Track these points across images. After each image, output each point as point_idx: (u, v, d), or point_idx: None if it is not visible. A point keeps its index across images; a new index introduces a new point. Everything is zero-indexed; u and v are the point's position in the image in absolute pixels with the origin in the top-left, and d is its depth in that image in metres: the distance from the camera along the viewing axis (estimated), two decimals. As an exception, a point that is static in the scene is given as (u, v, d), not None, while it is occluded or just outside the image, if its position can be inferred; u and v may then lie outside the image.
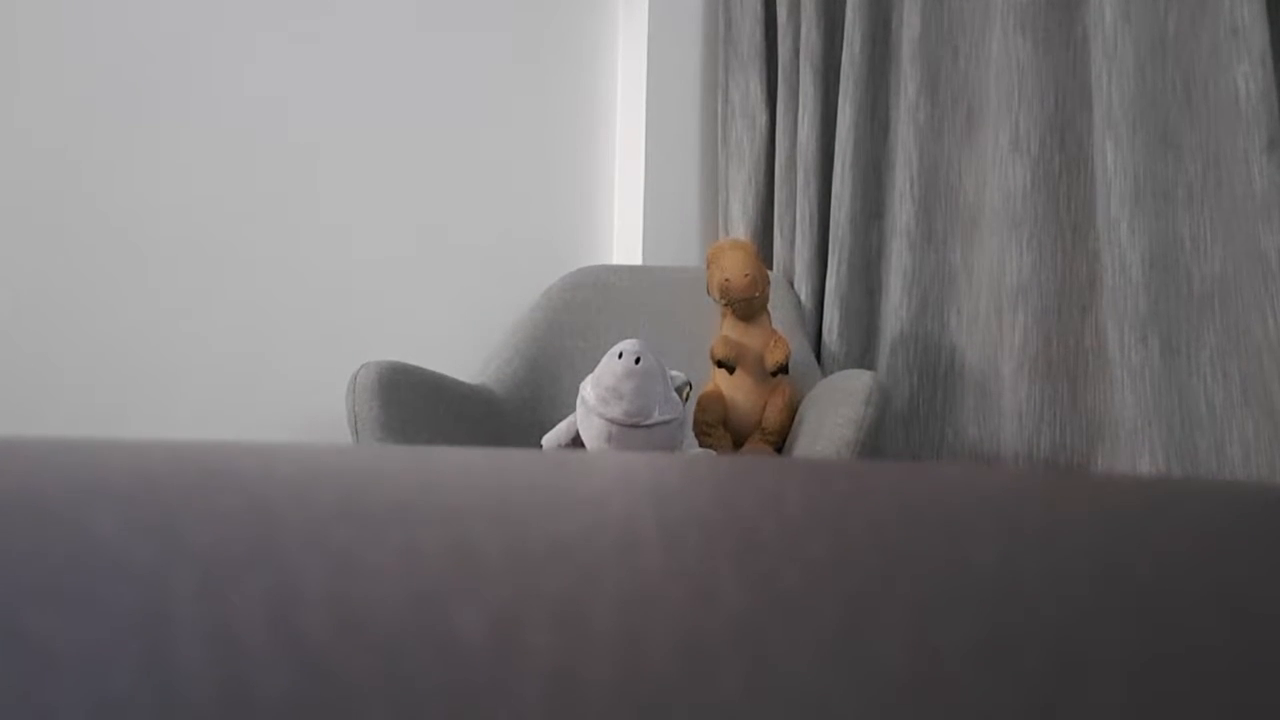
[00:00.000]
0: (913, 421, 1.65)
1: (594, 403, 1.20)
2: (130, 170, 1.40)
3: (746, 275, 1.47)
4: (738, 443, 1.45)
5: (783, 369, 1.45)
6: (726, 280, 1.47)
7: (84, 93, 1.36)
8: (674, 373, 1.28)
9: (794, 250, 1.86)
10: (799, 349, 1.67)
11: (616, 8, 2.05)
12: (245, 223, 1.51)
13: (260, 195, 1.53)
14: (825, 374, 1.70)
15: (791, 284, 1.85)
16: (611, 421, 1.18)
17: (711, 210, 2.04)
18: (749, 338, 1.48)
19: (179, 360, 1.43)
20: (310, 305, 1.57)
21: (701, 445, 1.42)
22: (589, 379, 1.23)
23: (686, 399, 1.31)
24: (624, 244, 1.99)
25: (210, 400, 1.46)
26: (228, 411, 1.48)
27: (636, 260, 1.93)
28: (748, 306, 1.48)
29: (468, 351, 1.77)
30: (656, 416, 1.20)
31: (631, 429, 1.18)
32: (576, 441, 1.29)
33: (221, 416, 1.47)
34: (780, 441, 1.45)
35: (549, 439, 1.31)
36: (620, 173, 2.02)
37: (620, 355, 1.18)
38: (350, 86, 1.64)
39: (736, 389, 1.46)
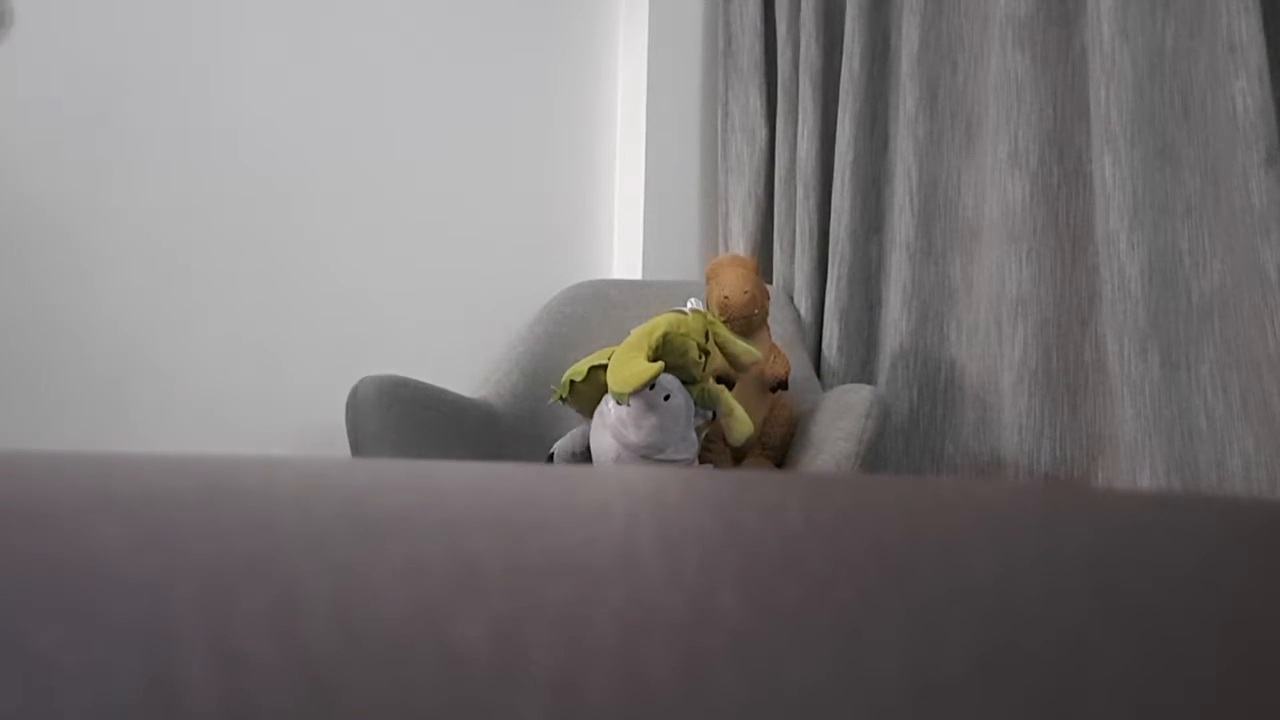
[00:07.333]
0: (913, 435, 1.65)
1: (612, 420, 1.20)
2: (129, 180, 1.40)
3: (746, 292, 1.47)
4: (737, 458, 1.44)
5: (782, 384, 1.45)
6: (725, 298, 1.47)
7: (84, 100, 1.36)
8: (699, 412, 1.28)
9: (793, 264, 1.86)
10: (799, 363, 1.67)
11: (617, 22, 2.07)
12: (245, 236, 1.51)
13: (261, 208, 1.53)
14: (825, 388, 1.70)
15: (791, 298, 1.85)
16: (625, 446, 1.18)
17: (711, 224, 2.05)
18: (749, 352, 1.48)
19: (179, 373, 1.43)
20: (310, 319, 1.57)
21: (701, 460, 1.41)
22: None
23: (703, 436, 1.31)
24: (624, 258, 1.99)
25: (210, 414, 1.46)
26: (228, 425, 1.48)
27: (636, 274, 1.93)
28: (747, 323, 1.48)
29: (468, 365, 1.77)
30: (670, 454, 1.20)
31: (641, 459, 1.18)
32: (586, 453, 1.29)
33: (222, 430, 1.47)
34: (780, 456, 1.45)
35: (560, 446, 1.31)
36: (620, 186, 2.02)
37: (653, 387, 1.17)
38: (351, 102, 1.64)
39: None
